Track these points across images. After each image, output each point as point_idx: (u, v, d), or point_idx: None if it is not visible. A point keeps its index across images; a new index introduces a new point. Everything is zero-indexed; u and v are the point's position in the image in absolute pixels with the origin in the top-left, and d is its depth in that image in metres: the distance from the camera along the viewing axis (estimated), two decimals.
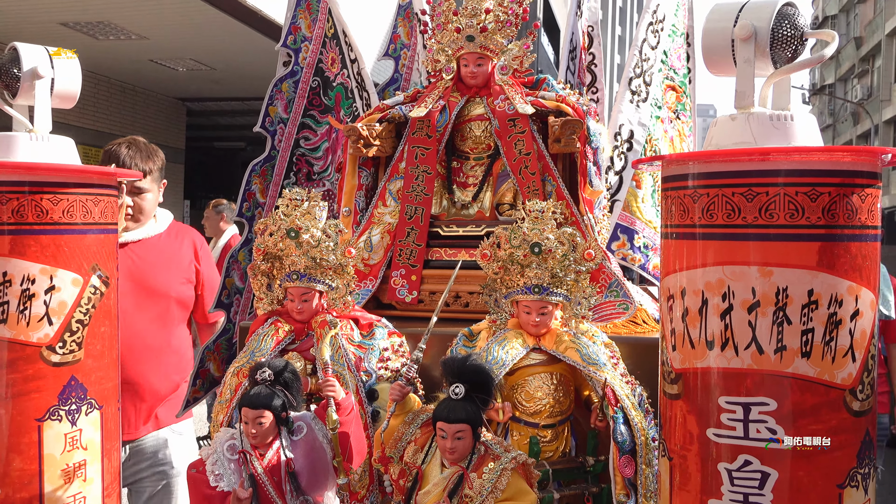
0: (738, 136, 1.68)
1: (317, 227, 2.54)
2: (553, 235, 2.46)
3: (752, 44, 1.67)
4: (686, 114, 4.32)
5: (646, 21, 4.02)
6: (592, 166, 3.05)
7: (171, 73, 9.62)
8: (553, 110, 3.10)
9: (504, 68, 3.25)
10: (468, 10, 3.17)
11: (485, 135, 3.23)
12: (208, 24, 7.55)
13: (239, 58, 8.77)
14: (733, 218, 1.62)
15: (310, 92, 4.30)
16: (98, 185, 2.12)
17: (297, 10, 4.31)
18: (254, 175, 4.22)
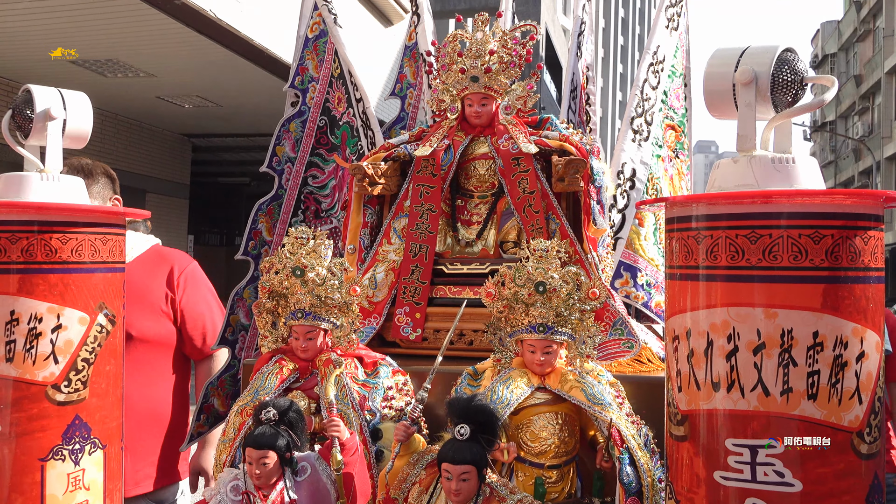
0: (740, 179, 1.70)
1: (322, 265, 2.56)
2: (558, 274, 2.47)
3: (753, 88, 1.70)
4: (684, 153, 4.37)
5: (647, 62, 4.09)
6: (596, 205, 3.08)
7: (178, 110, 9.75)
8: (556, 149, 3.14)
9: (508, 108, 3.30)
10: (472, 51, 3.23)
11: (489, 173, 3.27)
12: (215, 61, 7.67)
13: (245, 95, 8.89)
14: (737, 259, 1.63)
15: (317, 131, 4.36)
16: (106, 224, 2.14)
17: (305, 52, 4.40)
18: (260, 214, 4.26)
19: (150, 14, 6.30)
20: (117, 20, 6.56)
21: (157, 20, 6.46)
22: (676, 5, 4.29)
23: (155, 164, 10.56)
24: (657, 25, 4.19)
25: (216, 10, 6.47)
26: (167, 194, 10.96)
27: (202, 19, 6.52)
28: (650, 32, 4.23)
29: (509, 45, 3.25)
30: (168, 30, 6.75)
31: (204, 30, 6.81)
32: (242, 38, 6.96)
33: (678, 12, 4.32)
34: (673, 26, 4.29)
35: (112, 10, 6.21)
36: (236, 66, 7.66)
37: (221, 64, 7.70)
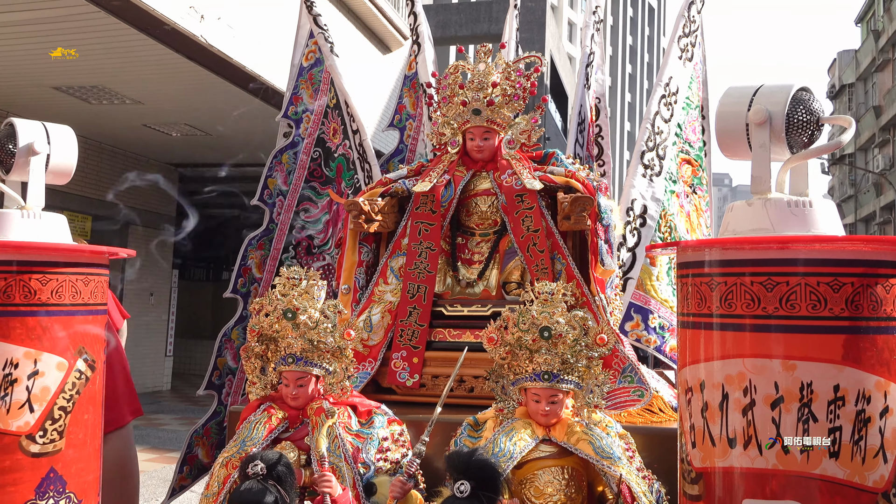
0: (755, 223, 1.72)
1: (315, 307, 2.57)
2: (563, 319, 2.47)
3: (768, 129, 1.73)
4: (702, 188, 4.39)
5: (658, 94, 4.14)
6: (604, 244, 3.09)
7: (165, 139, 9.82)
8: (562, 186, 3.16)
9: (511, 142, 3.34)
10: (474, 83, 3.27)
11: (491, 210, 3.29)
12: (205, 88, 7.75)
13: (236, 123, 8.97)
14: (753, 308, 1.64)
15: (311, 163, 4.40)
16: (88, 265, 2.15)
17: (300, 81, 4.46)
18: (250, 249, 4.29)
19: (137, 39, 6.38)
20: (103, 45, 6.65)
21: (145, 46, 6.54)
22: (690, 35, 4.36)
23: (139, 193, 10.62)
24: (669, 56, 4.26)
25: (207, 36, 6.56)
26: (152, 226, 11.01)
27: (192, 45, 6.60)
28: (662, 63, 4.29)
29: (513, 76, 3.30)
30: (156, 55, 6.83)
31: (194, 56, 6.89)
32: (234, 65, 7.04)
33: (692, 42, 4.39)
34: (687, 57, 4.35)
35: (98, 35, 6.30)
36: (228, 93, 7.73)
37: (212, 91, 7.77)
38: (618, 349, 2.95)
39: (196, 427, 3.83)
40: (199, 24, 6.46)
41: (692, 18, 4.27)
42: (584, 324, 2.52)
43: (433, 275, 3.17)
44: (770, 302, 1.64)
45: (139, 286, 10.64)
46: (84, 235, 9.67)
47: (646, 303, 3.93)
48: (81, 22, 6.00)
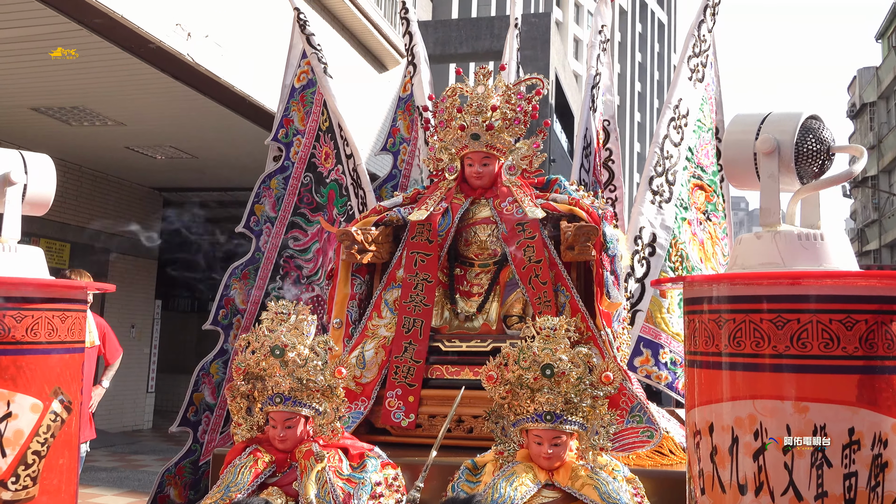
0: (764, 257, 1.75)
1: (304, 343, 2.58)
2: (566, 356, 2.49)
3: (776, 158, 1.76)
4: (718, 214, 4.42)
5: (667, 116, 4.19)
6: (610, 275, 3.11)
7: (149, 161, 9.87)
8: (566, 214, 3.19)
9: (512, 168, 3.37)
10: (473, 106, 3.31)
11: (491, 240, 3.32)
12: (191, 109, 7.81)
13: (223, 146, 9.02)
14: (762, 347, 1.66)
15: (301, 188, 4.44)
16: (66, 300, 2.17)
17: (291, 102, 4.51)
18: (233, 279, 4.31)
19: (121, 58, 6.44)
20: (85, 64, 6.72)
21: (129, 65, 6.61)
22: (700, 55, 4.42)
23: (121, 219, 10.66)
24: (679, 77, 4.31)
25: (194, 55, 6.63)
26: (133, 254, 11.03)
27: (179, 64, 6.67)
28: (671, 84, 4.35)
29: (513, 99, 3.34)
30: (140, 75, 6.90)
31: (180, 75, 6.96)
32: (222, 85, 7.11)
33: (703, 62, 4.44)
34: (697, 77, 4.41)
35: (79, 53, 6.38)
36: (215, 114, 7.79)
37: (199, 112, 7.84)
38: (625, 387, 2.96)
39: (168, 465, 3.83)
40: (186, 42, 6.54)
41: (702, 38, 4.32)
42: (589, 361, 2.53)
43: (430, 308, 3.19)
44: (781, 340, 1.66)
45: (120, 318, 10.63)
46: (62, 264, 9.68)
47: (656, 337, 3.95)
48: (62, 40, 6.07)
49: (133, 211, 11.14)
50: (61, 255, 9.92)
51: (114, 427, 10.47)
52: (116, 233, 10.77)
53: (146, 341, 11.34)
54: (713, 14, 4.36)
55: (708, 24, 4.34)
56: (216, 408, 4.13)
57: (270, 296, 4.37)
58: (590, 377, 2.51)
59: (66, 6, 5.58)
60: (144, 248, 11.36)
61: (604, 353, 2.98)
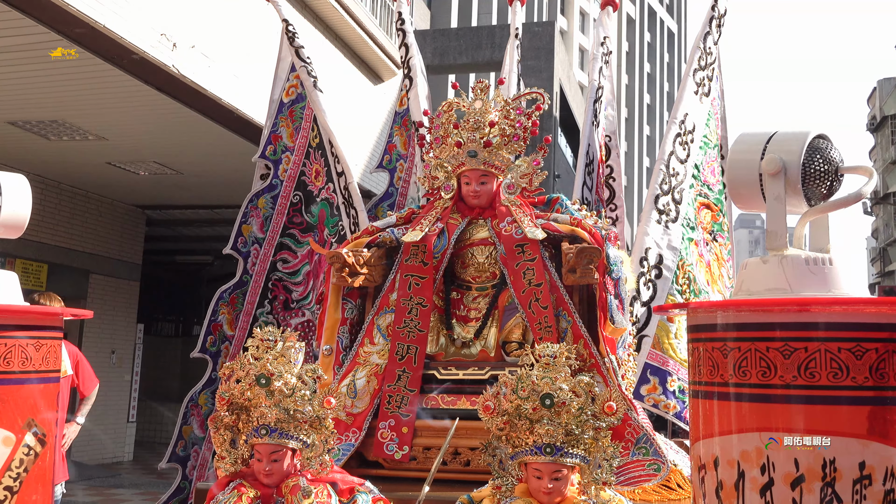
0: (771, 282, 1.77)
1: (291, 372, 2.59)
2: (567, 385, 2.50)
3: (782, 179, 1.79)
4: (723, 234, 4.46)
5: (673, 132, 4.24)
6: (614, 299, 3.13)
7: (131, 178, 9.91)
8: (567, 235, 3.22)
9: (511, 187, 3.40)
10: (470, 122, 3.34)
11: (489, 262, 3.34)
12: (176, 123, 7.86)
13: (210, 161, 9.07)
14: (769, 376, 1.68)
15: (290, 208, 4.48)
16: (41, 328, 2.19)
17: (279, 118, 4.56)
18: (221, 304, 4.33)
19: (102, 70, 6.50)
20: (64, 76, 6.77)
21: (111, 76, 6.66)
22: (706, 68, 4.47)
23: (102, 239, 10.68)
24: (684, 91, 4.37)
25: (179, 66, 6.68)
26: (115, 275, 11.05)
27: (163, 76, 6.73)
28: (676, 99, 4.41)
29: (512, 115, 3.38)
30: (123, 87, 6.95)
31: (165, 87, 7.01)
32: (209, 97, 7.16)
33: (709, 76, 4.50)
34: (703, 91, 4.46)
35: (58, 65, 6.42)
36: (201, 128, 7.84)
37: (184, 126, 7.89)
38: (630, 417, 2.97)
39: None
40: (171, 53, 6.59)
41: (708, 50, 4.38)
42: (591, 390, 2.54)
43: (425, 334, 3.21)
44: (787, 370, 1.68)
45: (99, 342, 10.63)
46: (39, 286, 9.70)
47: (663, 363, 3.97)
48: (42, 51, 6.13)
49: (114, 230, 11.17)
50: (38, 276, 9.94)
51: (92, 459, 10.44)
52: (96, 253, 10.79)
53: (127, 368, 11.33)
54: (719, 26, 4.41)
55: (714, 36, 4.39)
56: (205, 442, 4.14)
57: (258, 321, 4.39)
58: (592, 407, 2.52)
59: (47, 16, 5.64)
60: (126, 269, 11.38)
61: (608, 381, 3.00)
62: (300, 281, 4.48)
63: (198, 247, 13.97)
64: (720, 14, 4.49)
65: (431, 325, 3.27)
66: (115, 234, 11.17)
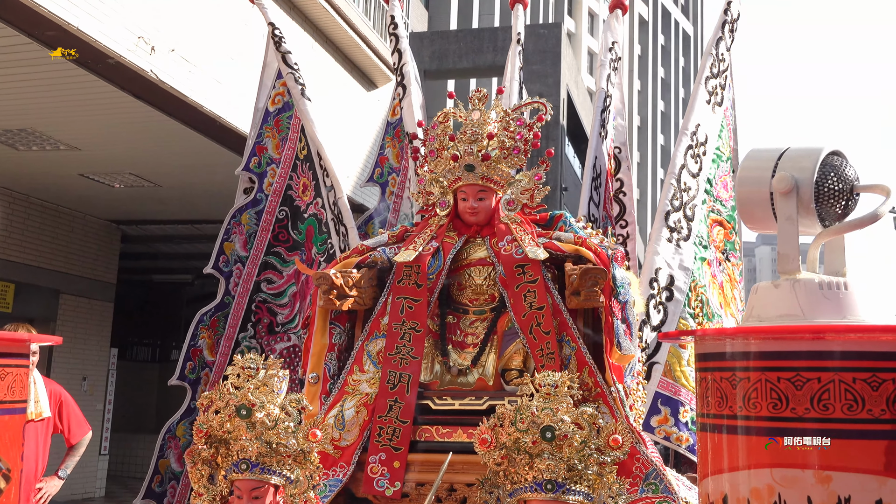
0: (782, 308, 1.80)
1: (274, 402, 2.62)
2: (569, 417, 2.52)
3: (794, 198, 1.82)
4: (736, 254, 4.50)
5: (684, 144, 4.28)
6: (621, 324, 3.15)
7: (106, 191, 9.94)
8: (571, 255, 3.25)
9: (511, 203, 3.43)
10: (467, 134, 3.38)
11: (487, 283, 3.37)
12: (155, 132, 7.89)
13: (190, 173, 9.10)
14: (780, 409, 1.71)
15: (275, 224, 4.52)
16: (5, 355, 2.21)
17: (264, 128, 4.61)
18: (201, 327, 4.36)
19: (75, 75, 6.53)
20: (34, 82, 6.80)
21: (85, 83, 6.69)
22: (719, 76, 4.52)
23: (74, 257, 10.70)
24: (696, 100, 4.41)
25: (158, 71, 6.72)
26: (87, 296, 11.06)
27: (142, 82, 6.76)
28: (687, 109, 4.45)
29: (512, 126, 3.41)
30: (98, 94, 6.98)
31: (143, 94, 7.04)
32: (190, 105, 7.19)
33: (721, 84, 4.55)
34: (716, 101, 4.51)
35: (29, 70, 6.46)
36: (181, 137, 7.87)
37: (163, 135, 7.92)
38: (638, 451, 2.98)
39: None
40: (150, 57, 6.63)
41: (721, 56, 4.43)
42: (595, 422, 2.56)
43: (418, 361, 3.23)
44: (800, 402, 1.70)
45: (69, 368, 10.62)
46: (5, 307, 9.71)
47: (675, 393, 3.98)
48: (9, 55, 6.17)
49: (87, 246, 11.18)
50: (4, 296, 9.95)
51: (61, 495, 10.35)
52: (67, 271, 10.80)
53: (99, 396, 11.30)
54: (732, 31, 4.47)
55: (726, 42, 4.44)
56: (182, 476, 4.15)
57: (241, 346, 4.41)
58: (596, 440, 2.54)
59: (15, 17, 5.68)
60: (99, 288, 11.38)
61: (614, 412, 3.02)
62: (286, 303, 4.50)
63: (177, 265, 13.98)
64: (733, 18, 4.54)
65: (425, 352, 3.29)
66: (87, 251, 11.18)
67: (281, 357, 4.34)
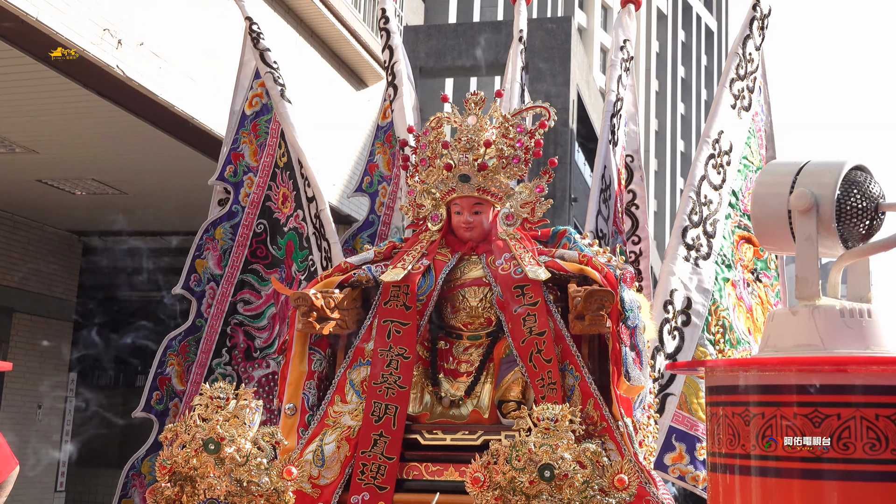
0: (800, 337, 1.82)
1: (245, 436, 2.63)
2: (570, 454, 2.53)
3: (814, 217, 1.85)
4: (770, 274, 4.49)
5: (705, 153, 4.31)
6: (630, 351, 3.16)
7: (66, 198, 9.96)
8: (575, 275, 3.27)
9: (510, 217, 3.46)
10: (462, 141, 3.41)
11: (483, 306, 3.39)
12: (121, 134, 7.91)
13: (160, 180, 9.11)
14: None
15: (253, 239, 4.53)
16: None
17: (240, 133, 4.63)
18: (170, 353, 4.36)
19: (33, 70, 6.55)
20: None
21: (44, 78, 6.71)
22: (746, 77, 4.55)
23: (30, 271, 10.71)
24: (719, 105, 4.44)
25: (125, 67, 6.75)
26: (43, 315, 11.05)
27: (106, 78, 6.78)
28: (710, 114, 4.48)
29: (512, 133, 3.44)
30: (58, 92, 7.00)
31: (108, 92, 7.06)
32: (160, 104, 7.21)
33: (749, 87, 4.58)
34: (742, 105, 4.54)
35: None
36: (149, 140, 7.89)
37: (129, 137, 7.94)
38: (648, 492, 2.99)
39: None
40: (116, 52, 6.66)
41: (749, 56, 4.46)
42: (599, 460, 2.58)
43: (406, 391, 3.24)
44: (818, 440, 1.72)
45: (22, 394, 10.61)
46: None
47: (692, 427, 4.00)
48: None
49: (44, 260, 11.19)
50: None
51: None
52: (22, 287, 10.79)
53: (56, 426, 11.29)
54: (761, 28, 4.50)
55: (755, 41, 4.47)
56: None
57: (215, 374, 4.42)
58: (600, 481, 2.56)
59: None
60: (57, 306, 11.37)
61: (621, 448, 3.03)
62: (264, 325, 4.51)
63: (143, 281, 13.98)
64: (763, 14, 4.58)
65: (414, 381, 3.30)
66: (44, 265, 11.18)
67: (259, 385, 4.35)
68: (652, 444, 3.53)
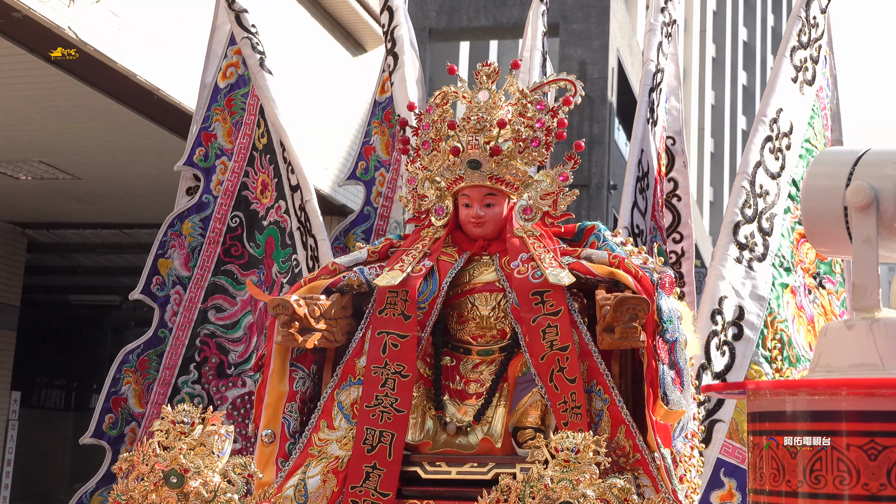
0: (857, 356, 1.85)
1: (213, 468, 2.67)
2: (594, 491, 2.57)
3: (874, 215, 1.87)
4: (834, 279, 4.50)
5: (760, 135, 4.32)
6: (668, 370, 3.17)
7: (8, 184, 10.01)
8: (604, 279, 3.28)
9: (528, 210, 3.46)
10: (472, 121, 3.41)
11: (496, 315, 3.40)
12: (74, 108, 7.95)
13: (119, 162, 9.15)
14: (850, 484, 1.76)
15: (226, 235, 4.54)
16: None
17: (213, 109, 4.65)
18: (127, 369, 4.39)
19: None
20: None
21: None
22: (810, 46, 4.56)
23: None
24: (777, 77, 4.45)
25: (78, 28, 6.78)
26: None
27: (56, 41, 6.82)
28: (766, 89, 4.50)
29: (531, 111, 3.44)
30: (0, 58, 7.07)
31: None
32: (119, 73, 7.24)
33: (813, 57, 4.59)
34: (805, 79, 4.55)
35: None
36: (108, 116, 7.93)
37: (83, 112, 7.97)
38: None
39: None
40: (67, 10, 6.68)
41: (813, 20, 4.47)
42: (628, 497, 2.61)
43: (404, 416, 3.25)
44: (874, 476, 1.76)
45: None
46: None
47: (744, 461, 4.01)
48: None
49: None
50: None
51: None
52: None
53: None
54: None
55: (821, 2, 4.47)
56: None
57: (181, 394, 4.44)
58: None
59: None
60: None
61: (657, 484, 3.04)
62: (240, 337, 4.52)
63: (100, 282, 14.02)
64: None
65: (414, 404, 3.31)
66: None
67: (234, 407, 4.37)
68: (696, 480, 3.53)
